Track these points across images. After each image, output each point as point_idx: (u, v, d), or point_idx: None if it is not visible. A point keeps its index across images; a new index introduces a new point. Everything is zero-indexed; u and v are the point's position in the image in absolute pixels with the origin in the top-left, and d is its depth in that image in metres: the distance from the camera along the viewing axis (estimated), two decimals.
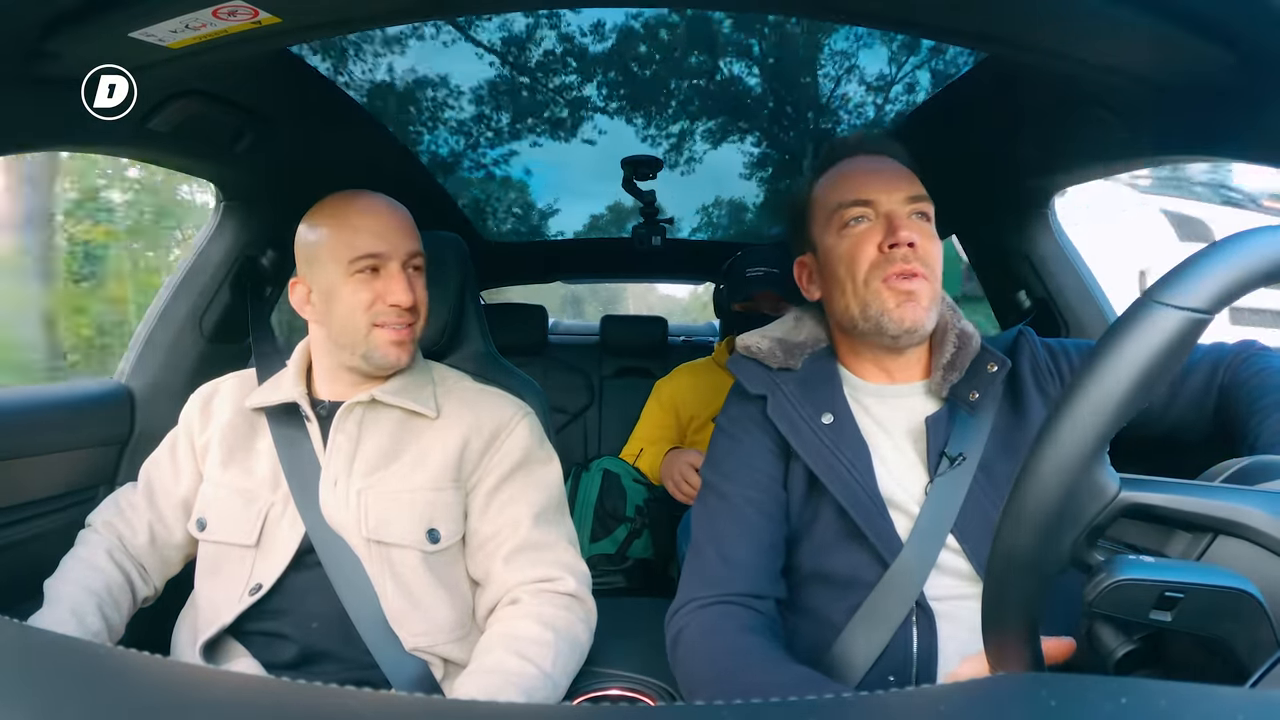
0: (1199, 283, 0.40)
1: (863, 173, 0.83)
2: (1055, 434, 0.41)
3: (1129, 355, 0.39)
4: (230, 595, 0.86)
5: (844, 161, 0.85)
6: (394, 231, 0.89)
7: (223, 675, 0.48)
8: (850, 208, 0.81)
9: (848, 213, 0.81)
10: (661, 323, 2.46)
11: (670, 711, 0.42)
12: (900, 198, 0.80)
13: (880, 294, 0.78)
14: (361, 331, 0.88)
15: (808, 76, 1.37)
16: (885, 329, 0.79)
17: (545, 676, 0.78)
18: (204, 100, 0.92)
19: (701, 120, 1.58)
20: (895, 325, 0.78)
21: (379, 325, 0.88)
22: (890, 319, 0.78)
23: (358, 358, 0.89)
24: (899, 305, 0.78)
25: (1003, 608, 0.44)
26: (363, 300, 0.87)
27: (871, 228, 0.80)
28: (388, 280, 0.87)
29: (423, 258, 0.92)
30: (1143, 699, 0.29)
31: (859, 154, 0.85)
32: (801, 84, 1.41)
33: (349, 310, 0.87)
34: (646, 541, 1.62)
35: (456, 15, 1.13)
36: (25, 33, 0.69)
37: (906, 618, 0.73)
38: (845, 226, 0.81)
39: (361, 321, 0.87)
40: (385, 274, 0.88)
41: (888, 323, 0.78)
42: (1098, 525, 0.42)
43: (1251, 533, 0.42)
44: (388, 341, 0.88)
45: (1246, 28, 0.65)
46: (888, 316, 0.78)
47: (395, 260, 0.88)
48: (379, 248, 0.87)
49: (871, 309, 0.79)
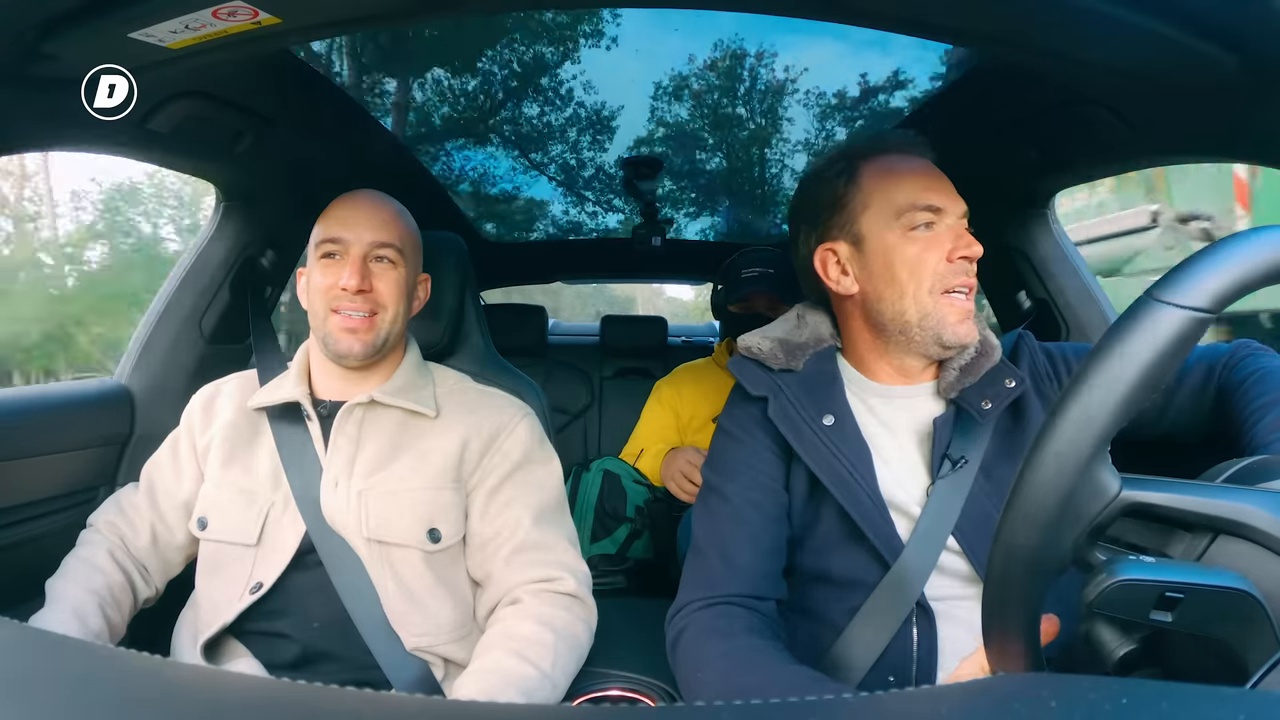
0: (1201, 282, 0.40)
1: (928, 177, 0.81)
2: (1057, 432, 0.41)
3: (1131, 353, 0.39)
4: (231, 594, 0.86)
5: (896, 158, 0.82)
6: (360, 221, 0.90)
7: (223, 675, 0.48)
8: (923, 211, 0.79)
9: (919, 215, 0.79)
10: (661, 323, 2.46)
11: (670, 712, 0.42)
12: (961, 211, 0.80)
13: (942, 307, 0.78)
14: (321, 316, 0.90)
15: (807, 76, 1.37)
16: (943, 340, 0.79)
17: (545, 677, 0.78)
18: (204, 101, 0.92)
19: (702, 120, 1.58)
20: (953, 339, 0.78)
21: (335, 311, 0.89)
22: (950, 333, 0.78)
23: (324, 345, 0.91)
24: (960, 321, 0.78)
25: (1003, 607, 0.44)
26: (323, 285, 0.90)
27: (940, 235, 0.79)
28: (344, 266, 0.89)
29: (394, 251, 0.92)
30: (1143, 699, 0.29)
31: (909, 154, 0.83)
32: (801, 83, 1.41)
33: (314, 295, 0.91)
34: (647, 542, 1.62)
35: (456, 15, 1.13)
36: (24, 33, 0.69)
37: (907, 618, 0.73)
38: (914, 228, 0.79)
39: (320, 306, 0.90)
40: (344, 260, 0.89)
41: (947, 336, 0.78)
42: (1099, 524, 0.42)
43: (1253, 532, 0.42)
44: (340, 327, 0.89)
45: (1247, 29, 0.65)
46: (949, 331, 0.78)
47: (356, 246, 0.89)
48: (339, 233, 0.90)
49: (931, 319, 0.79)
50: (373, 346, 0.90)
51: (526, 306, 2.39)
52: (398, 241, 0.92)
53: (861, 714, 0.32)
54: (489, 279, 2.48)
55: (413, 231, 0.96)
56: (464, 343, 1.17)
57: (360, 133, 1.32)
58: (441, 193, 1.77)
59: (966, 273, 0.78)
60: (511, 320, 2.28)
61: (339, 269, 0.89)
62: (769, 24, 1.19)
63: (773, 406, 0.82)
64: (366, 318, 0.89)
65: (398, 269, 0.92)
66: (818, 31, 1.14)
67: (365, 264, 0.89)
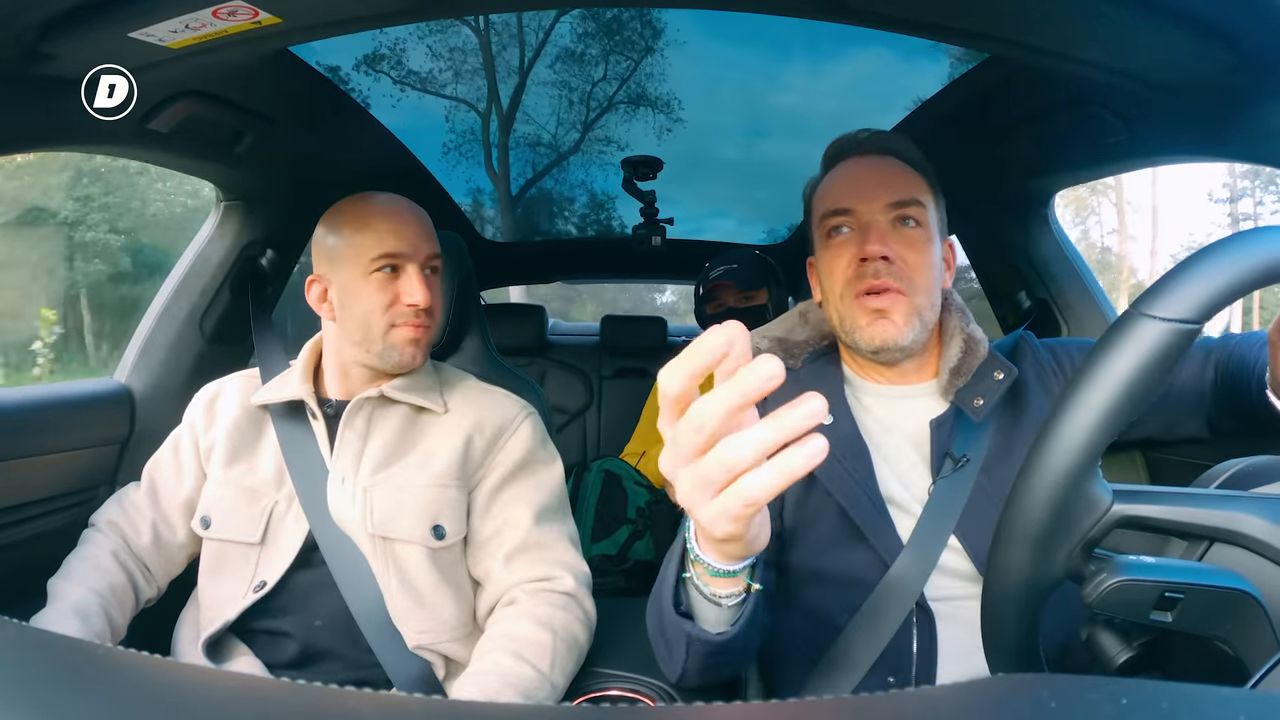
0: (1185, 293, 0.39)
1: (848, 179, 0.81)
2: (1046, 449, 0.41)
3: (1117, 369, 0.39)
4: (234, 592, 0.86)
5: (841, 164, 0.84)
6: (414, 233, 0.90)
7: (223, 675, 0.48)
8: (832, 217, 0.80)
9: (830, 222, 0.80)
10: (661, 323, 2.46)
11: (670, 712, 0.42)
12: (879, 206, 0.78)
13: (854, 310, 0.78)
14: (379, 330, 0.89)
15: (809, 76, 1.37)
16: (860, 344, 0.79)
17: (543, 677, 0.78)
18: (204, 100, 0.92)
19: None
20: (866, 343, 0.78)
21: (396, 325, 0.89)
22: (862, 337, 0.78)
23: (373, 355, 0.90)
24: (869, 324, 0.77)
25: (1001, 622, 0.44)
26: (382, 300, 0.88)
27: (850, 238, 0.79)
28: (407, 281, 0.88)
29: (440, 259, 0.94)
30: (1143, 700, 0.29)
31: (855, 154, 0.84)
32: (802, 83, 1.41)
33: (368, 310, 0.88)
34: (648, 544, 1.62)
35: (457, 15, 1.13)
36: (24, 33, 0.69)
37: (906, 618, 0.73)
38: (829, 236, 0.80)
39: (380, 321, 0.89)
40: (404, 275, 0.89)
41: (861, 340, 0.78)
42: (1092, 538, 0.42)
43: (1248, 540, 0.42)
44: (406, 340, 0.89)
45: (1246, 28, 0.65)
46: (860, 334, 0.78)
47: (415, 261, 0.89)
48: (400, 248, 0.88)
49: (847, 323, 0.79)
50: (427, 352, 0.93)
51: (526, 306, 2.39)
52: (439, 249, 0.93)
53: (861, 714, 0.32)
54: (489, 279, 2.48)
55: None
56: (464, 342, 1.17)
57: (360, 132, 1.32)
58: (442, 192, 1.77)
59: (874, 274, 0.76)
60: (511, 320, 2.28)
61: (397, 284, 0.89)
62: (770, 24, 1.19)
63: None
64: (425, 328, 0.91)
65: (439, 275, 0.95)
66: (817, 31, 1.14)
67: (425, 277, 0.90)
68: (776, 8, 0.78)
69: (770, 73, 1.36)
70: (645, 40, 1.32)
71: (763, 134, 1.64)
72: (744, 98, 1.48)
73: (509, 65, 1.36)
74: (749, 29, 1.21)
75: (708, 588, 0.55)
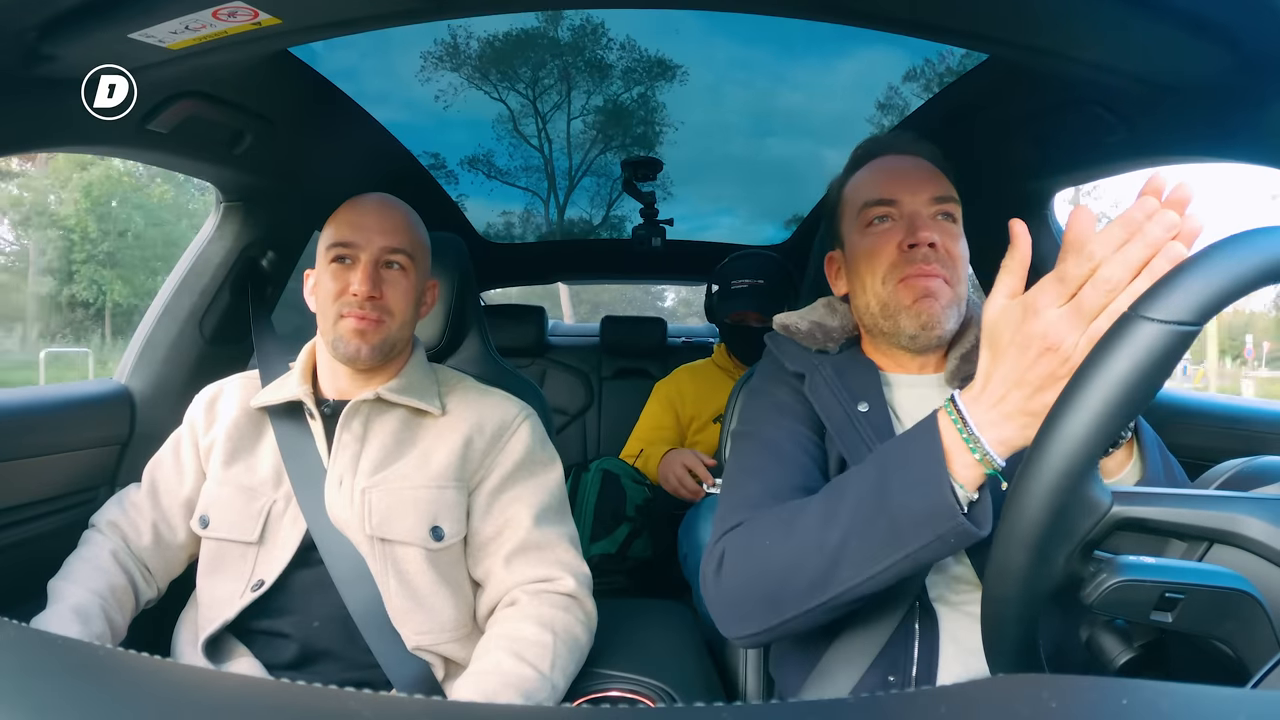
0: (1181, 295, 0.39)
1: (889, 172, 0.83)
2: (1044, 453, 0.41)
3: (1115, 372, 0.39)
4: (233, 592, 0.86)
5: (874, 160, 0.86)
6: (370, 226, 0.90)
7: (222, 676, 0.48)
8: (875, 207, 0.81)
9: (872, 211, 0.81)
10: (661, 324, 2.46)
11: (670, 712, 0.42)
12: (924, 198, 0.80)
13: (898, 292, 0.78)
14: (331, 319, 0.90)
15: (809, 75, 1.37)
16: (902, 328, 0.78)
17: (544, 678, 0.78)
18: (204, 101, 0.92)
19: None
20: (912, 322, 0.78)
21: (344, 315, 0.89)
22: (907, 315, 0.78)
23: (330, 346, 0.91)
24: (914, 302, 0.77)
25: (1001, 624, 0.44)
26: (333, 289, 0.90)
27: (894, 227, 0.80)
28: (355, 271, 0.89)
29: (404, 257, 0.92)
30: (1143, 700, 0.29)
31: (889, 153, 0.86)
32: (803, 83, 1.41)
33: (324, 299, 0.91)
34: (647, 542, 1.62)
35: (456, 15, 1.13)
36: (24, 33, 0.69)
37: (907, 617, 0.73)
38: (870, 225, 0.82)
39: (331, 310, 0.90)
40: (355, 265, 0.90)
41: (905, 320, 0.78)
42: (1090, 540, 0.42)
43: (1247, 541, 0.42)
44: (350, 330, 0.89)
45: (1246, 28, 0.65)
46: (905, 313, 0.78)
47: (366, 252, 0.89)
48: (351, 238, 0.90)
49: (890, 307, 0.79)
50: (380, 350, 0.91)
51: (526, 307, 2.39)
52: (408, 247, 0.92)
53: (861, 714, 0.32)
54: (489, 279, 2.48)
55: (423, 237, 0.97)
56: (463, 343, 1.17)
57: (360, 133, 1.32)
58: (441, 193, 1.77)
59: (924, 259, 0.77)
60: (511, 320, 2.28)
61: (349, 274, 0.89)
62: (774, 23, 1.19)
63: (809, 384, 0.82)
64: (375, 320, 0.90)
65: (407, 275, 0.92)
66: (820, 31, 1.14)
67: (376, 270, 0.89)
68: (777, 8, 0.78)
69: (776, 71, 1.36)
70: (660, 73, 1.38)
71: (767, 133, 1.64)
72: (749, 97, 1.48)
73: None
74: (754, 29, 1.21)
75: (963, 489, 0.57)
